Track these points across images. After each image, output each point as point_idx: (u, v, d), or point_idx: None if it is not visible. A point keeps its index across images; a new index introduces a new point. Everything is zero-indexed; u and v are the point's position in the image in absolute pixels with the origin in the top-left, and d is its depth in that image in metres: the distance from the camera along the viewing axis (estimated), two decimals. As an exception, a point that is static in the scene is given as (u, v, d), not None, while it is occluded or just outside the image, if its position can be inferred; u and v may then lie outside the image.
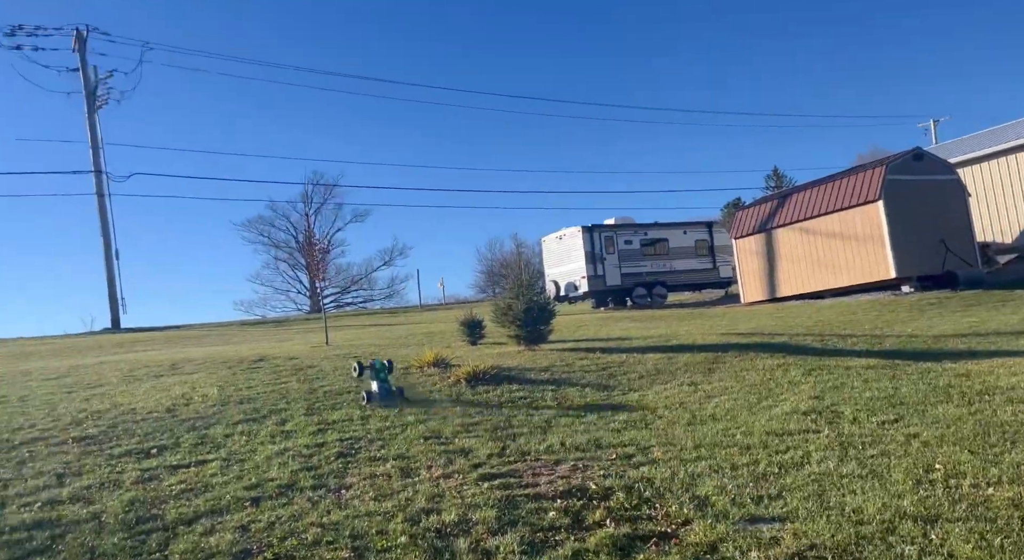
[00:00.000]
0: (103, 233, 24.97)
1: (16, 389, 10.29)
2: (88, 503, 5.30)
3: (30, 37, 23.40)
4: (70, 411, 8.41)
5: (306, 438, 6.89)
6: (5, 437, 7.31)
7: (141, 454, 6.60)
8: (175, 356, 13.85)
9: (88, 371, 12.00)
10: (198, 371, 11.31)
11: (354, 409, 8.00)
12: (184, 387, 9.71)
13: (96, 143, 24.62)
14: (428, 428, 7.07)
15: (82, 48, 24.45)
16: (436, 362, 10.45)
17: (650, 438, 6.35)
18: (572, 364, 10.42)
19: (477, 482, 5.23)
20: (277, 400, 8.65)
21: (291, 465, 6.00)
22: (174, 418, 7.91)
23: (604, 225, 24.93)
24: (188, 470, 6.03)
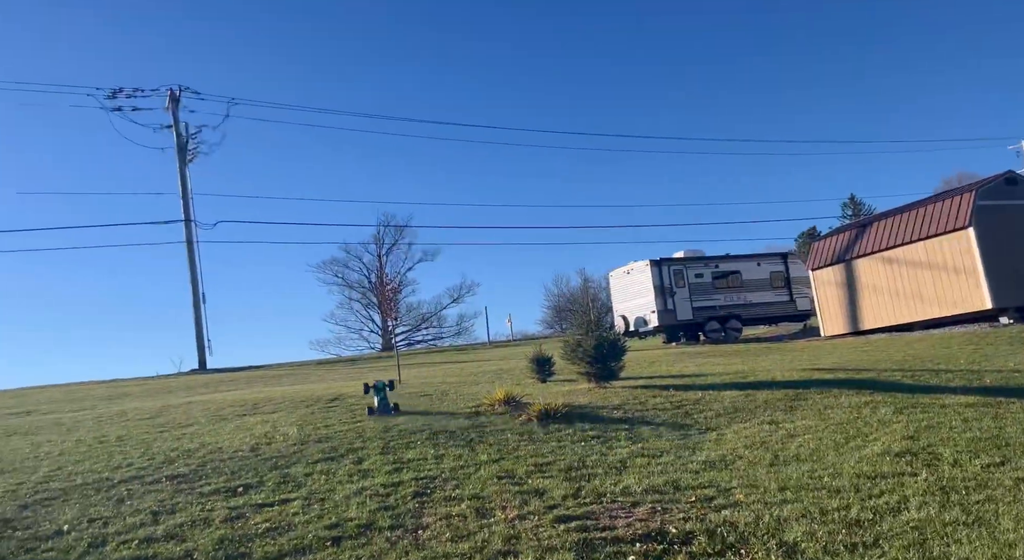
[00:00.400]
0: (191, 278, 26.54)
1: (114, 429, 10.91)
2: (181, 541, 5.53)
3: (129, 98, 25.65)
4: (163, 450, 8.85)
5: (382, 477, 7.00)
6: (106, 475, 7.75)
7: (229, 492, 6.85)
8: (257, 396, 14.39)
9: (178, 411, 12.61)
10: (278, 410, 11.71)
11: (429, 448, 8.08)
12: (266, 426, 10.06)
13: (186, 194, 26.42)
14: (501, 468, 7.05)
15: (175, 107, 26.50)
16: (507, 400, 10.46)
17: (731, 479, 6.13)
18: (645, 402, 10.22)
19: (553, 524, 5.17)
20: (354, 439, 8.84)
21: (369, 504, 6.10)
22: (258, 457, 8.19)
23: (673, 258, 24.58)
24: (272, 509, 6.21)
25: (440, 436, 8.68)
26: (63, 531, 5.96)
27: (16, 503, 6.84)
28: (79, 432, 10.78)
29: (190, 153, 26.54)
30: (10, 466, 8.44)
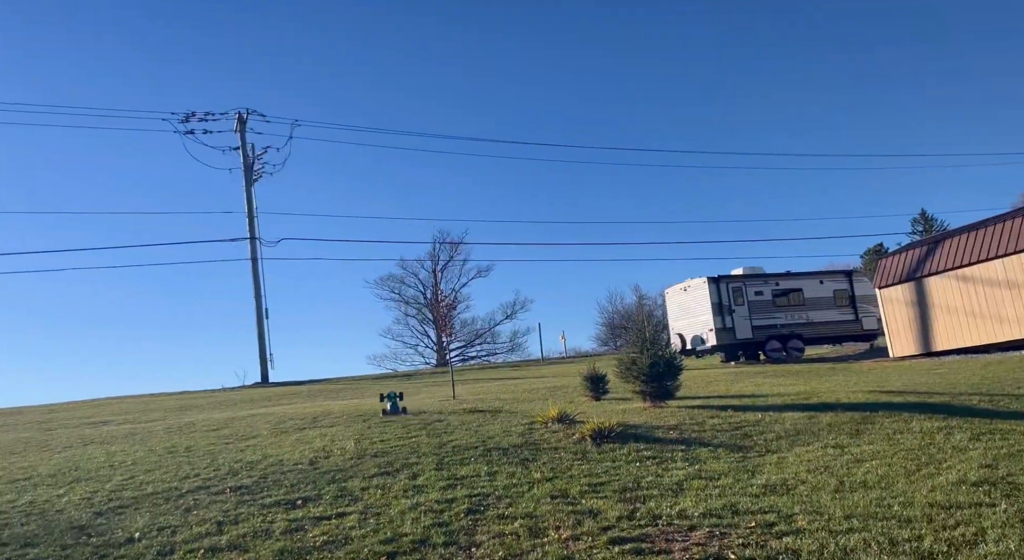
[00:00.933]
0: (255, 294, 27.52)
1: (183, 440, 11.35)
2: (243, 551, 5.70)
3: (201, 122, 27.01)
4: (228, 461, 9.15)
5: (437, 493, 7.05)
6: (174, 485, 8.06)
7: (288, 505, 7.03)
8: (316, 409, 14.73)
9: (242, 424, 13.03)
10: (336, 424, 11.95)
11: (482, 465, 8.11)
12: (325, 440, 10.28)
13: (252, 213, 27.52)
14: (555, 487, 7.01)
15: (242, 129, 27.74)
16: (560, 418, 10.40)
17: (792, 505, 5.92)
18: (702, 422, 9.99)
19: (607, 546, 5.10)
20: (408, 454, 8.94)
21: (423, 520, 6.15)
22: (316, 470, 8.38)
23: (732, 276, 24.03)
24: (330, 522, 6.34)
25: (494, 453, 8.69)
26: (134, 539, 6.22)
27: (91, 510, 7.19)
28: (150, 442, 11.26)
29: (255, 173, 27.72)
30: (86, 474, 8.88)
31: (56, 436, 13.07)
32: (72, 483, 8.42)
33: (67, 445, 11.73)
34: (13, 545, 6.18)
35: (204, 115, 27.04)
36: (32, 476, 8.96)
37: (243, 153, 27.68)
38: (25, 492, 8.08)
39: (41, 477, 8.86)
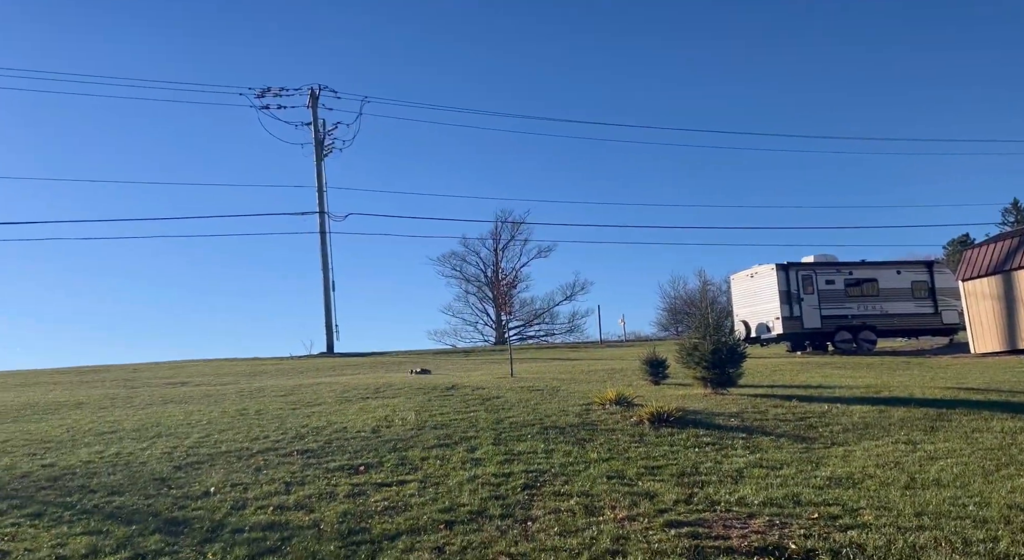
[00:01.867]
0: (323, 267, 28.40)
1: (253, 404, 11.89)
2: (309, 511, 5.96)
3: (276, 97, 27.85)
4: (295, 426, 9.54)
5: (494, 467, 7.17)
6: (246, 446, 8.47)
7: (351, 470, 7.29)
8: (378, 380, 15.14)
9: (308, 391, 13.53)
10: (398, 396, 12.27)
11: (539, 442, 8.18)
12: (387, 410, 10.58)
13: (321, 187, 28.31)
14: (611, 467, 7.01)
15: (314, 105, 28.45)
16: (618, 400, 10.36)
17: (859, 499, 5.73)
18: (765, 411, 9.76)
19: (663, 528, 5.08)
20: (467, 428, 9.10)
21: (481, 492, 6.27)
22: (378, 438, 8.64)
23: (802, 263, 23.18)
24: (390, 488, 6.55)
25: (550, 431, 8.75)
26: (210, 492, 6.60)
27: (171, 464, 7.65)
28: (224, 404, 11.84)
29: (326, 148, 28.42)
30: (167, 431, 9.44)
31: (139, 394, 13.91)
32: (154, 438, 8.97)
33: (149, 403, 12.47)
34: (101, 493, 6.65)
35: (279, 90, 27.91)
36: (118, 430, 9.58)
37: (314, 128, 28.42)
38: (111, 444, 8.66)
39: (126, 431, 9.47)
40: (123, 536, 5.45)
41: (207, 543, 5.32)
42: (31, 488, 6.82)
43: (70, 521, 5.83)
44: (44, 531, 5.61)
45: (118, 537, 5.43)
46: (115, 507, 6.22)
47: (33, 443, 8.83)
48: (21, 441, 8.95)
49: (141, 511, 6.08)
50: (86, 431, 9.57)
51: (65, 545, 5.30)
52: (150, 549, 5.22)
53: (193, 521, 5.80)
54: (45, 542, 5.36)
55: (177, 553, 5.13)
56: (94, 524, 5.73)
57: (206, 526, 5.67)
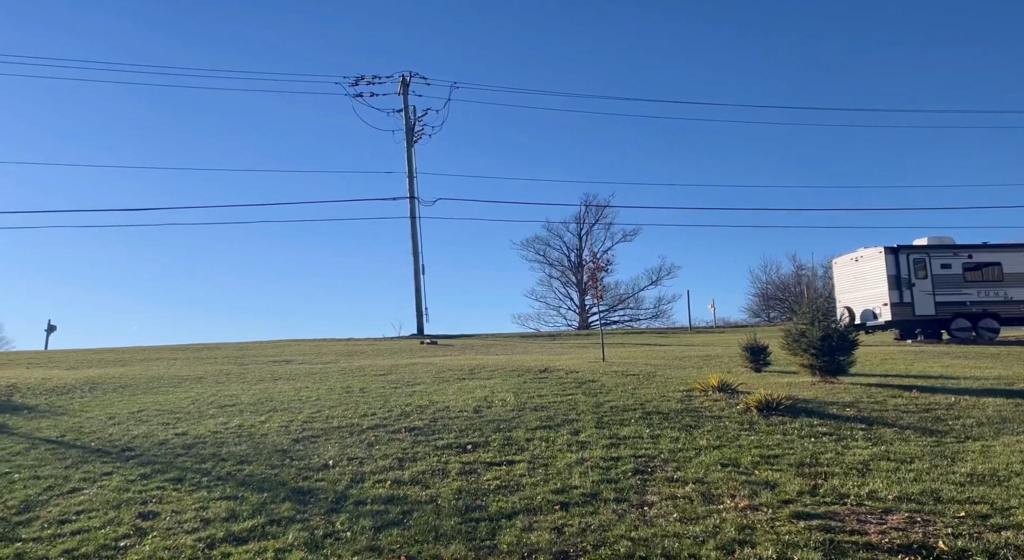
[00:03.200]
0: (413, 251, 29.05)
1: (356, 382, 12.34)
2: (425, 487, 6.12)
3: (369, 85, 28.59)
4: (399, 404, 9.83)
5: (600, 450, 7.13)
6: (355, 422, 8.81)
7: (459, 448, 7.44)
8: (471, 362, 15.38)
9: (405, 371, 13.91)
10: (493, 377, 12.41)
11: (643, 427, 8.07)
12: (485, 391, 10.73)
13: (412, 173, 28.90)
14: (724, 455, 6.82)
15: (405, 92, 29.01)
16: (721, 387, 10.07)
17: (1008, 498, 5.32)
18: (883, 402, 9.22)
19: (790, 519, 4.88)
20: (568, 410, 9.10)
21: (591, 475, 6.25)
22: (481, 418, 8.77)
23: (913, 246, 21.68)
24: (500, 468, 6.63)
25: (654, 417, 8.61)
26: (328, 465, 6.90)
27: (289, 437, 8.05)
28: (329, 381, 12.35)
29: (416, 135, 28.96)
30: (280, 405, 9.94)
31: (250, 370, 14.73)
32: (270, 412, 9.47)
33: (260, 378, 13.18)
34: (231, 461, 7.09)
35: (372, 78, 28.60)
36: (236, 403, 10.18)
37: (405, 115, 28.97)
38: (233, 416, 9.21)
39: (244, 405, 10.05)
40: (257, 502, 5.78)
41: (333, 513, 5.56)
42: (169, 455, 7.35)
43: (208, 486, 6.24)
44: (187, 495, 6.03)
45: (253, 503, 5.76)
46: (246, 475, 6.61)
47: (164, 413, 9.51)
48: (154, 411, 9.66)
49: (269, 480, 6.43)
50: (209, 403, 10.22)
51: (207, 509, 5.67)
52: (283, 516, 5.50)
53: (317, 491, 6.08)
54: (189, 505, 5.76)
55: (307, 521, 5.38)
56: (230, 490, 6.11)
57: (330, 497, 5.93)
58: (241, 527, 5.27)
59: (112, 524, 5.38)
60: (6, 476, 6.62)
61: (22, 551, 4.91)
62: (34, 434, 8.32)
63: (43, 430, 8.54)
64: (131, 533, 5.20)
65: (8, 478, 6.56)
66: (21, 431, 8.50)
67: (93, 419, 9.14)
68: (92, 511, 5.65)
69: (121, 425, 8.73)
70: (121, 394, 11.18)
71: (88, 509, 5.70)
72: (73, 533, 5.21)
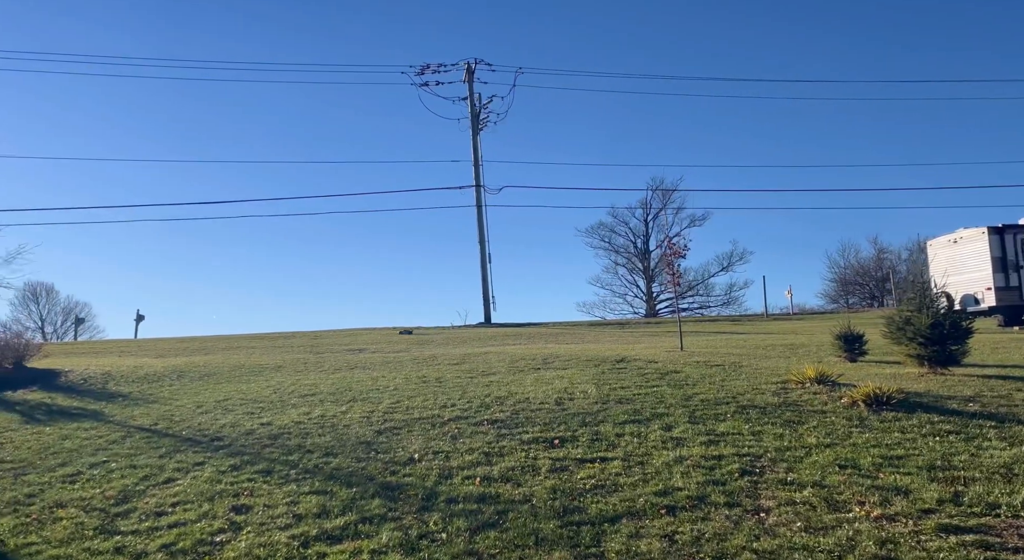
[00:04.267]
0: (479, 239, 28.98)
1: (431, 371, 12.22)
2: (516, 485, 5.83)
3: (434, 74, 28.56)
4: (478, 395, 9.60)
5: (698, 448, 6.67)
6: (436, 413, 8.62)
7: (546, 443, 7.12)
8: (543, 351, 15.07)
9: (478, 360, 13.72)
10: (568, 367, 12.06)
11: (741, 423, 7.55)
12: (563, 382, 10.38)
13: (477, 161, 28.75)
14: (838, 455, 6.25)
15: (470, 79, 28.83)
16: (819, 379, 9.39)
17: None
18: (1008, 395, 8.38)
19: (937, 533, 4.34)
20: (655, 404, 8.65)
21: (694, 475, 5.82)
22: (564, 411, 8.43)
23: (1020, 225, 20.01)
24: (593, 466, 6.27)
25: (750, 411, 8.07)
26: (414, 459, 6.71)
27: (371, 428, 7.93)
28: (404, 370, 12.27)
29: (481, 122, 28.76)
30: (359, 395, 9.87)
31: (326, 359, 14.87)
32: (350, 402, 9.41)
33: (336, 367, 13.24)
34: (317, 453, 7.00)
35: (437, 67, 28.54)
36: (316, 392, 10.19)
37: (470, 103, 28.81)
38: (315, 407, 9.19)
39: (324, 394, 10.04)
40: (347, 498, 5.63)
41: (424, 511, 5.34)
42: (256, 445, 7.33)
43: (297, 480, 6.14)
44: (276, 488, 5.94)
45: (343, 499, 5.61)
46: (332, 468, 6.49)
47: (248, 402, 9.59)
48: (238, 400, 9.76)
49: (356, 474, 6.29)
50: (290, 392, 10.27)
51: (298, 504, 5.55)
52: (374, 513, 5.32)
53: (406, 487, 5.88)
54: (280, 499, 5.66)
55: (400, 520, 5.18)
56: (318, 484, 5.99)
57: (420, 494, 5.72)
58: (333, 524, 5.12)
59: (207, 517, 5.32)
60: (104, 465, 6.73)
61: (121, 544, 4.89)
62: (129, 422, 8.50)
63: (137, 418, 8.73)
64: (226, 528, 5.12)
65: (106, 467, 6.66)
66: (116, 419, 8.72)
67: (183, 407, 9.29)
68: (187, 503, 5.63)
69: (209, 414, 8.83)
70: (206, 382, 11.40)
71: (183, 501, 5.68)
72: (170, 526, 5.18)
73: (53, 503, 5.77)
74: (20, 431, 8.27)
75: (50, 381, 11.53)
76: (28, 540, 5.01)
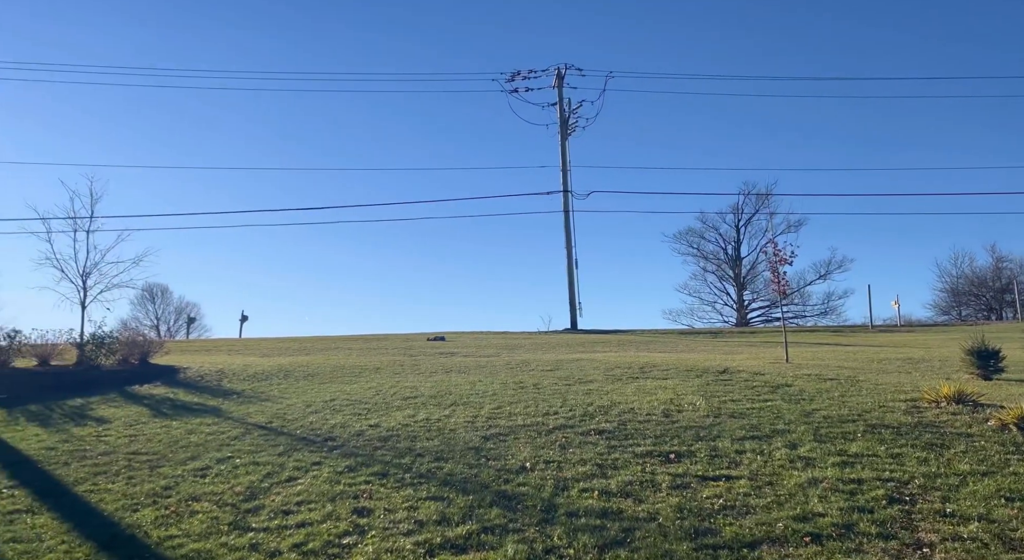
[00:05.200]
0: (566, 245, 28.68)
1: (526, 377, 12.09)
2: (638, 501, 5.57)
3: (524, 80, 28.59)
4: (579, 403, 9.37)
5: (832, 470, 6.18)
6: (539, 420, 8.46)
7: (661, 457, 6.81)
8: (638, 360, 14.65)
9: (571, 366, 13.49)
10: (668, 377, 11.64)
11: (875, 444, 6.97)
12: (667, 392, 10.00)
13: (565, 166, 28.52)
14: (1001, 485, 5.62)
15: (560, 84, 28.68)
16: (956, 397, 8.60)
17: None
18: None
19: None
20: (773, 419, 8.16)
21: (834, 501, 5.37)
22: (673, 424, 8.08)
23: None
24: (718, 484, 5.92)
25: (882, 431, 7.46)
26: (526, 468, 6.55)
27: (477, 434, 7.85)
28: (500, 376, 12.19)
29: (570, 127, 28.54)
30: (460, 399, 9.85)
31: (421, 362, 15.03)
32: (452, 406, 9.39)
33: (433, 370, 13.34)
34: (428, 457, 6.97)
35: (527, 73, 28.57)
36: (418, 395, 10.24)
37: (560, 108, 28.63)
38: (419, 409, 9.22)
39: (425, 397, 10.08)
40: (464, 505, 5.53)
41: (546, 524, 5.17)
42: (367, 447, 7.39)
43: (412, 484, 6.11)
44: (394, 491, 5.93)
45: (460, 506, 5.52)
46: (445, 474, 6.43)
47: (354, 403, 9.75)
48: (343, 401, 9.94)
49: (470, 481, 6.19)
50: (392, 394, 10.38)
51: (417, 509, 5.50)
52: (494, 523, 5.20)
53: (523, 497, 5.73)
54: (399, 504, 5.63)
55: (522, 532, 5.03)
56: (434, 490, 5.93)
57: (538, 505, 5.55)
58: (455, 533, 5.02)
59: (331, 518, 5.35)
60: (229, 461, 6.95)
61: (255, 541, 4.98)
62: (246, 419, 8.80)
63: (252, 415, 9.02)
64: (350, 530, 5.13)
65: (231, 463, 6.87)
66: (234, 415, 9.05)
67: (293, 406, 9.55)
68: (311, 503, 5.69)
69: (319, 414, 9.03)
70: (311, 382, 11.71)
71: (307, 500, 5.76)
72: (298, 526, 5.24)
73: (188, 496, 5.98)
74: (150, 424, 8.72)
75: (171, 377, 12.17)
76: (169, 533, 5.19)
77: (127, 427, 8.70)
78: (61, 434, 8.55)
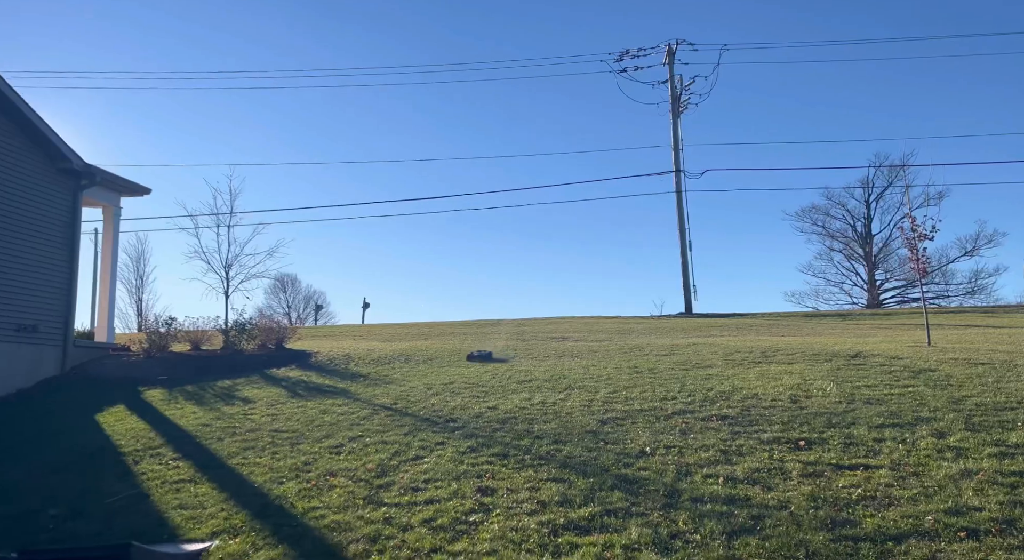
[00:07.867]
0: (679, 226, 27.88)
1: (640, 361, 11.90)
2: (767, 489, 5.36)
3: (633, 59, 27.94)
4: (698, 388, 9.11)
5: (988, 461, 5.65)
6: (657, 404, 8.32)
7: (790, 444, 6.50)
8: (760, 344, 14.03)
9: (687, 351, 13.12)
10: (794, 362, 11.06)
11: (1039, 435, 6.29)
12: (793, 377, 9.51)
13: (677, 145, 27.63)
14: None
15: (671, 61, 27.78)
16: None
17: None
18: None
19: None
20: (916, 406, 7.56)
21: (991, 494, 4.91)
22: (801, 410, 7.68)
23: None
24: (855, 473, 5.58)
25: (1048, 421, 6.71)
26: (645, 452, 6.48)
27: (594, 418, 7.84)
28: (613, 360, 12.09)
29: (681, 105, 27.61)
30: (574, 383, 9.86)
31: (533, 346, 15.19)
32: (567, 390, 9.43)
33: (546, 355, 13.45)
34: (546, 439, 7.05)
35: (636, 51, 27.87)
36: (533, 379, 10.37)
37: (671, 86, 27.74)
38: (534, 393, 9.33)
39: (540, 381, 10.18)
40: (585, 488, 5.56)
41: (669, 509, 5.09)
42: (487, 428, 7.59)
43: (533, 466, 6.21)
44: (515, 472, 6.06)
45: (581, 489, 5.56)
46: (564, 456, 6.48)
47: (472, 386, 10.02)
48: (462, 384, 10.25)
49: (590, 464, 6.21)
50: (507, 378, 10.57)
51: (538, 490, 5.60)
52: (616, 506, 5.19)
53: (644, 482, 5.67)
54: (520, 484, 5.75)
55: (645, 516, 4.99)
56: (555, 472, 6.01)
57: (660, 490, 5.47)
58: (578, 514, 5.06)
59: (457, 496, 5.56)
60: (360, 439, 7.39)
61: (388, 516, 5.27)
62: (373, 401, 9.30)
63: (378, 397, 9.52)
64: (476, 508, 5.31)
65: (362, 441, 7.30)
66: (362, 397, 9.58)
67: (415, 389, 9.97)
68: (437, 481, 5.94)
69: (439, 396, 9.37)
70: (430, 365, 12.17)
71: (433, 478, 6.01)
72: (426, 502, 5.49)
73: (326, 472, 6.42)
74: (288, 404, 9.42)
75: (303, 361, 13.06)
76: (312, 504, 5.61)
77: (269, 407, 9.44)
78: (214, 412, 9.42)
